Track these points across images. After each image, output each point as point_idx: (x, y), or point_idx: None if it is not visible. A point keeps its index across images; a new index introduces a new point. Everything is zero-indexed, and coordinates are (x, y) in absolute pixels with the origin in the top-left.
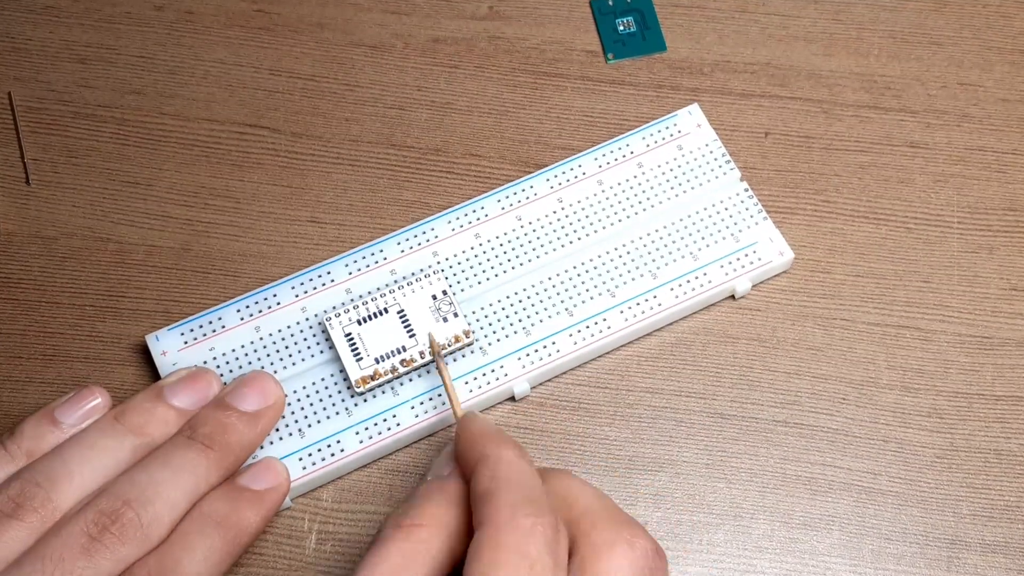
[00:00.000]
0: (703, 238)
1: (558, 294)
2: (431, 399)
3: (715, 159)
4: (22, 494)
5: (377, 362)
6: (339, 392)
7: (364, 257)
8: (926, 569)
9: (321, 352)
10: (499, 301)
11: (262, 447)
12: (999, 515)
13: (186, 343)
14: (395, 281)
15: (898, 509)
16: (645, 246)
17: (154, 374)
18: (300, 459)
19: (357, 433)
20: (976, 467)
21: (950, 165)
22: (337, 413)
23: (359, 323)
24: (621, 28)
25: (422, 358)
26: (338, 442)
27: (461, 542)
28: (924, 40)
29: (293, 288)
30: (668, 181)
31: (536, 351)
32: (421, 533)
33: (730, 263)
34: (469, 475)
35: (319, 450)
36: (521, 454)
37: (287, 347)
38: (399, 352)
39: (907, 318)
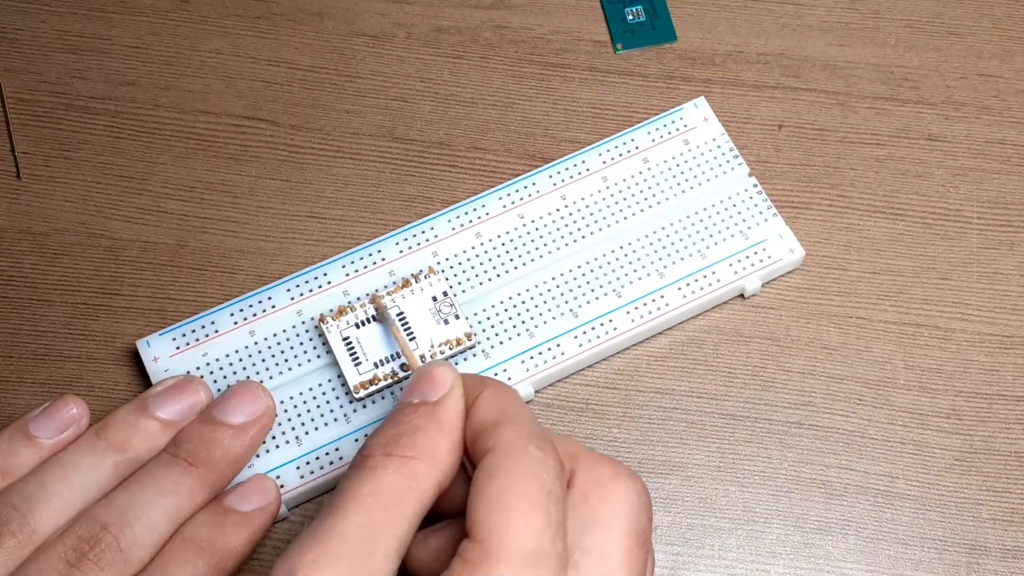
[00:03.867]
0: (711, 235)
1: (562, 294)
2: None
3: (723, 154)
4: None
5: (376, 367)
6: (337, 398)
7: (362, 258)
8: (945, 575)
9: (318, 357)
10: (501, 302)
11: (258, 455)
12: (1020, 520)
13: (178, 348)
14: (393, 283)
15: (916, 513)
16: (651, 244)
17: (147, 378)
18: (298, 467)
19: (356, 440)
20: (996, 470)
21: (969, 158)
22: (336, 420)
23: (357, 326)
24: (630, 17)
25: (423, 362)
26: (337, 450)
27: (449, 478)
28: (943, 30)
29: (289, 290)
30: (675, 177)
31: (540, 353)
32: (415, 466)
33: (739, 261)
34: (468, 405)
35: (317, 458)
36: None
37: (283, 352)
38: (399, 356)
39: (925, 316)
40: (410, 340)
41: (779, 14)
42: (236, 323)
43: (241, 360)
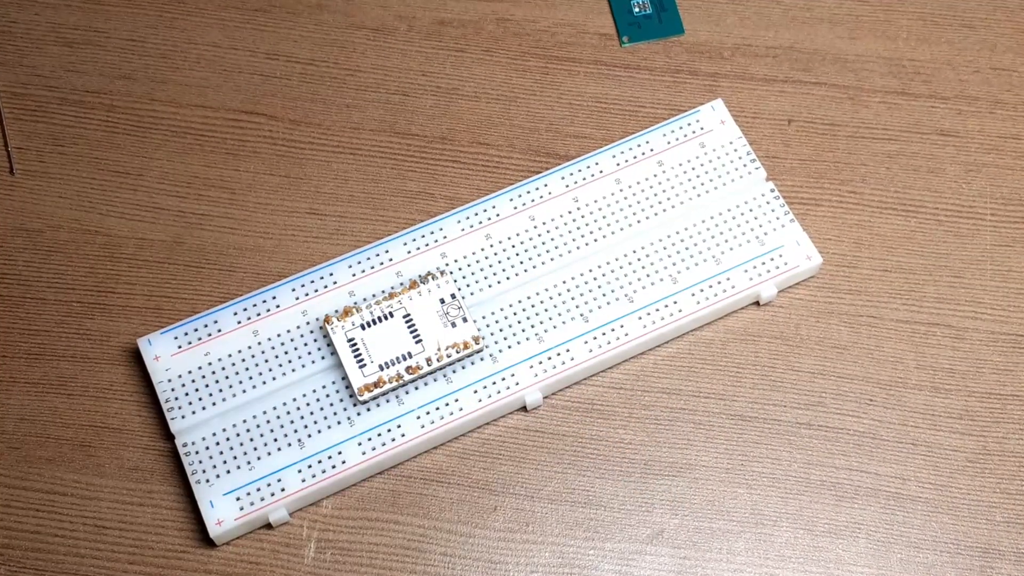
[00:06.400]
0: (726, 241)
1: (573, 299)
2: (438, 408)
3: (739, 157)
4: None
5: (381, 369)
6: (341, 401)
7: (368, 258)
8: None
9: (322, 358)
10: (510, 306)
11: (259, 458)
12: None
13: (180, 347)
14: (401, 283)
15: (928, 516)
16: (665, 249)
17: (146, 377)
18: (299, 471)
19: (360, 444)
20: (1010, 472)
21: (983, 154)
22: (339, 423)
23: (363, 328)
24: (636, 10)
25: (429, 365)
26: (339, 453)
27: None
28: (955, 22)
29: (293, 290)
30: (690, 180)
31: (549, 359)
32: None
33: (755, 267)
34: None
35: (319, 462)
36: None
37: (286, 352)
38: (405, 359)
39: (937, 315)
40: (416, 343)
41: (788, 6)
42: (239, 322)
43: (244, 360)
